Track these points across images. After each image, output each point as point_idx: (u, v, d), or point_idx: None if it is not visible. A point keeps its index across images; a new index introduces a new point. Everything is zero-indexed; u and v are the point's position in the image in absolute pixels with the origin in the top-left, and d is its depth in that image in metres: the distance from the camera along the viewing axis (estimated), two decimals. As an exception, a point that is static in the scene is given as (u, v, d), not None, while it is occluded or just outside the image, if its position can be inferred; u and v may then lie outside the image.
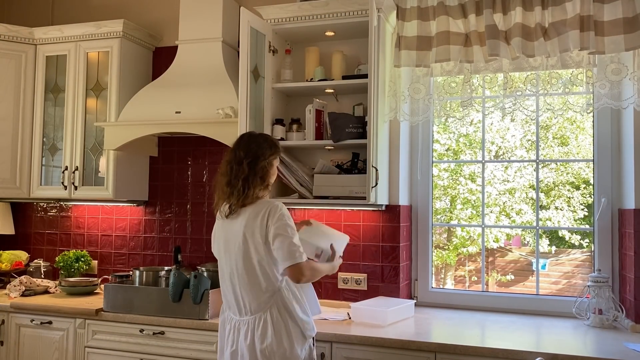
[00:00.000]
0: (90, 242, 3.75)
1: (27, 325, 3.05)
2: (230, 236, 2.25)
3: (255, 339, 2.15)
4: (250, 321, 2.19)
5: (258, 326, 2.16)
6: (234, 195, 2.22)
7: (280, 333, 2.15)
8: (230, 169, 2.26)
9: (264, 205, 2.21)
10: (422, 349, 2.33)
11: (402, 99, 2.96)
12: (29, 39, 3.54)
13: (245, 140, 2.32)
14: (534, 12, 2.68)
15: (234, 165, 2.25)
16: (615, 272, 2.85)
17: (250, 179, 2.23)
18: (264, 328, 2.15)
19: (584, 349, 2.30)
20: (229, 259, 2.25)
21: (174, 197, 3.58)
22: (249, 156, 2.25)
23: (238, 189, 2.21)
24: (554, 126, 5.08)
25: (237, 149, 2.29)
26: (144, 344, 2.82)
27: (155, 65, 3.67)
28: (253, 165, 2.24)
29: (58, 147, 3.51)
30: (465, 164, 5.40)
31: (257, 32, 2.91)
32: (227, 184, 2.25)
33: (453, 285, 5.58)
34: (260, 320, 2.17)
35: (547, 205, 5.26)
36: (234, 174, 2.24)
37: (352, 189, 2.83)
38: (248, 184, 2.22)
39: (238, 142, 2.33)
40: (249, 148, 2.27)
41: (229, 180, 2.25)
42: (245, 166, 2.23)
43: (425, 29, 2.88)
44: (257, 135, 2.37)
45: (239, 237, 2.20)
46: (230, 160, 2.28)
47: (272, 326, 2.15)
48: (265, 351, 2.13)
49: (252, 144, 2.29)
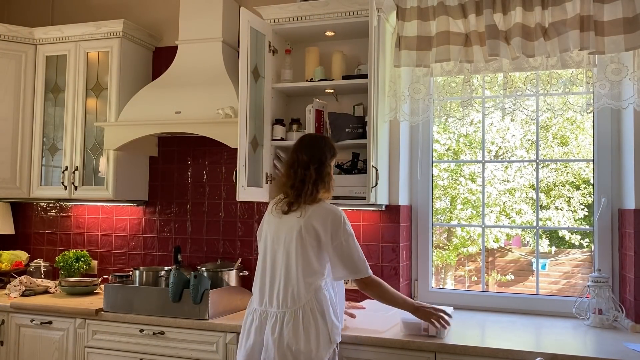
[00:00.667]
0: (90, 242, 3.75)
1: (27, 325, 3.05)
2: (285, 230, 2.28)
3: (284, 333, 2.17)
4: (281, 314, 2.20)
5: (289, 321, 2.18)
6: (301, 197, 2.27)
7: (309, 331, 2.16)
8: (294, 173, 2.31)
9: (325, 210, 2.27)
10: (422, 349, 2.33)
11: (402, 99, 2.96)
12: (29, 39, 3.54)
13: (307, 142, 2.37)
14: (534, 12, 2.68)
15: (298, 169, 2.30)
16: (615, 272, 2.85)
17: (319, 184, 2.30)
18: (295, 324, 2.17)
19: (584, 349, 2.30)
20: (277, 250, 2.29)
21: (174, 197, 3.58)
22: (315, 161, 2.30)
23: (306, 193, 2.27)
24: (554, 126, 5.09)
25: (298, 151, 2.34)
26: (144, 344, 2.82)
27: (155, 65, 3.67)
28: (320, 170, 2.30)
29: (58, 147, 3.51)
30: (465, 164, 5.40)
31: (257, 32, 2.91)
32: (292, 187, 2.30)
33: (453, 285, 5.58)
34: (292, 315, 2.18)
35: (547, 205, 5.26)
36: (299, 177, 2.29)
37: (352, 189, 2.83)
38: (317, 188, 2.29)
39: (299, 144, 2.38)
40: (313, 152, 2.32)
41: (293, 183, 2.30)
42: (312, 171, 2.28)
43: (425, 29, 2.88)
44: (319, 138, 2.43)
45: (295, 231, 2.24)
46: (293, 163, 2.32)
47: (302, 323, 2.17)
48: (292, 347, 2.14)
49: (314, 148, 2.34)
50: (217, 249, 3.45)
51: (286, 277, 2.24)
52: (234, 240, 3.42)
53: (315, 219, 2.24)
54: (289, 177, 2.32)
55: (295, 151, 2.36)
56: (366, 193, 2.71)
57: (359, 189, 2.80)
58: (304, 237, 2.23)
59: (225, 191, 3.46)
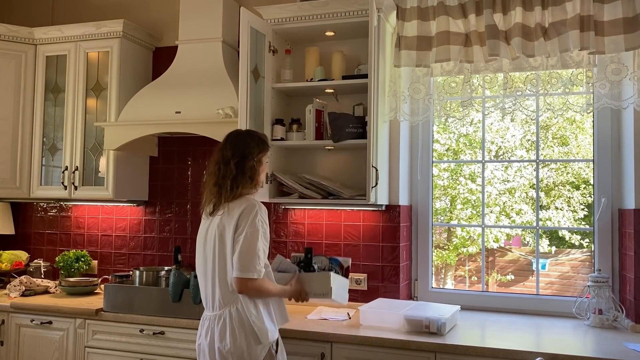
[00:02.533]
0: (90, 242, 3.75)
1: (27, 325, 3.05)
2: (210, 231, 2.25)
3: (215, 337, 2.17)
4: (212, 318, 2.21)
5: (218, 323, 2.18)
6: (222, 195, 2.21)
7: (236, 333, 2.14)
8: (217, 169, 2.25)
9: (243, 203, 2.20)
10: (422, 349, 2.33)
11: (402, 99, 2.96)
12: (29, 39, 3.54)
13: (232, 139, 2.30)
14: (534, 12, 2.68)
15: (221, 165, 2.24)
16: (615, 272, 2.85)
17: (239, 179, 2.22)
18: (223, 326, 2.16)
19: (584, 349, 2.30)
20: (205, 253, 2.27)
21: (174, 197, 3.58)
22: (236, 156, 2.23)
23: (226, 189, 2.20)
24: (553, 126, 5.09)
25: (223, 148, 2.28)
26: (144, 344, 2.82)
27: (155, 65, 3.67)
28: (241, 165, 2.23)
29: (58, 147, 3.50)
30: (465, 164, 5.40)
31: (257, 32, 2.91)
32: (215, 184, 2.24)
33: (453, 285, 5.58)
34: (221, 318, 2.18)
35: (547, 205, 5.26)
36: (222, 174, 2.23)
37: (314, 293, 2.43)
38: (237, 184, 2.22)
39: (224, 141, 2.31)
40: (236, 147, 2.25)
41: (216, 181, 2.24)
42: (232, 166, 2.22)
43: (425, 29, 2.88)
44: (244, 133, 2.35)
45: (215, 231, 2.22)
46: (218, 161, 2.26)
47: (230, 325, 2.15)
48: (222, 350, 2.14)
49: (239, 143, 2.27)
50: (217, 249, 3.45)
51: (212, 281, 2.22)
52: (234, 240, 3.41)
53: (230, 214, 2.19)
54: (213, 175, 2.25)
55: (220, 149, 2.28)
56: (366, 193, 2.69)
57: (321, 290, 2.41)
58: (225, 238, 2.18)
59: (225, 191, 3.45)
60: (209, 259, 2.25)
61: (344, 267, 2.59)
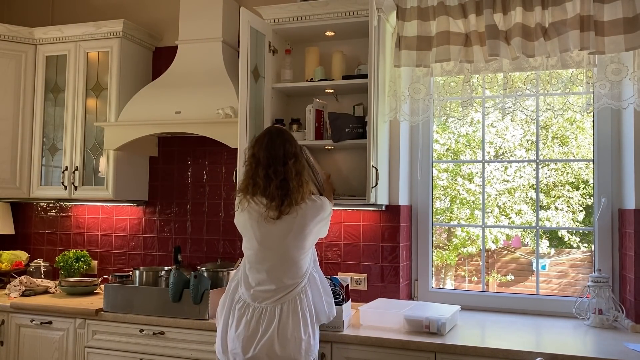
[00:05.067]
0: (90, 242, 3.75)
1: (27, 325, 3.05)
2: (277, 233, 2.23)
3: (281, 326, 2.17)
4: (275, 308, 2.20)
5: (287, 311, 2.20)
6: (288, 196, 2.19)
7: (300, 320, 2.20)
8: (274, 173, 2.20)
9: (316, 203, 2.28)
10: (422, 349, 2.33)
11: (402, 99, 2.96)
12: (29, 39, 3.54)
13: (276, 139, 2.27)
14: (534, 12, 2.68)
15: (279, 167, 2.21)
16: (615, 272, 2.85)
17: (304, 178, 2.26)
18: (294, 313, 2.20)
19: (584, 349, 2.30)
20: (270, 249, 2.24)
21: (174, 197, 3.58)
22: (290, 156, 2.24)
23: (292, 190, 2.20)
24: (553, 126, 5.08)
25: (270, 148, 2.24)
26: (144, 344, 2.82)
27: (155, 65, 3.67)
28: (297, 164, 2.25)
29: (58, 147, 3.50)
30: (464, 164, 5.40)
31: (257, 32, 2.91)
32: (277, 187, 2.19)
33: (453, 285, 5.58)
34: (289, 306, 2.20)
35: (547, 205, 5.26)
36: (280, 176, 2.20)
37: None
38: (301, 183, 2.24)
39: (271, 142, 2.26)
40: (285, 148, 2.25)
41: (277, 184, 2.20)
42: (291, 166, 2.22)
43: (425, 29, 2.88)
44: (283, 131, 2.34)
45: (290, 231, 2.22)
46: (269, 162, 2.22)
47: (295, 313, 2.20)
48: (293, 339, 2.16)
49: (286, 144, 2.26)
50: (217, 249, 3.45)
51: (283, 273, 2.22)
52: (234, 240, 3.41)
53: (303, 216, 2.23)
54: (267, 178, 2.21)
55: (267, 148, 2.24)
56: (366, 193, 2.69)
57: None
58: (297, 237, 2.22)
59: (225, 191, 3.45)
60: (277, 255, 2.23)
61: (344, 286, 2.59)
